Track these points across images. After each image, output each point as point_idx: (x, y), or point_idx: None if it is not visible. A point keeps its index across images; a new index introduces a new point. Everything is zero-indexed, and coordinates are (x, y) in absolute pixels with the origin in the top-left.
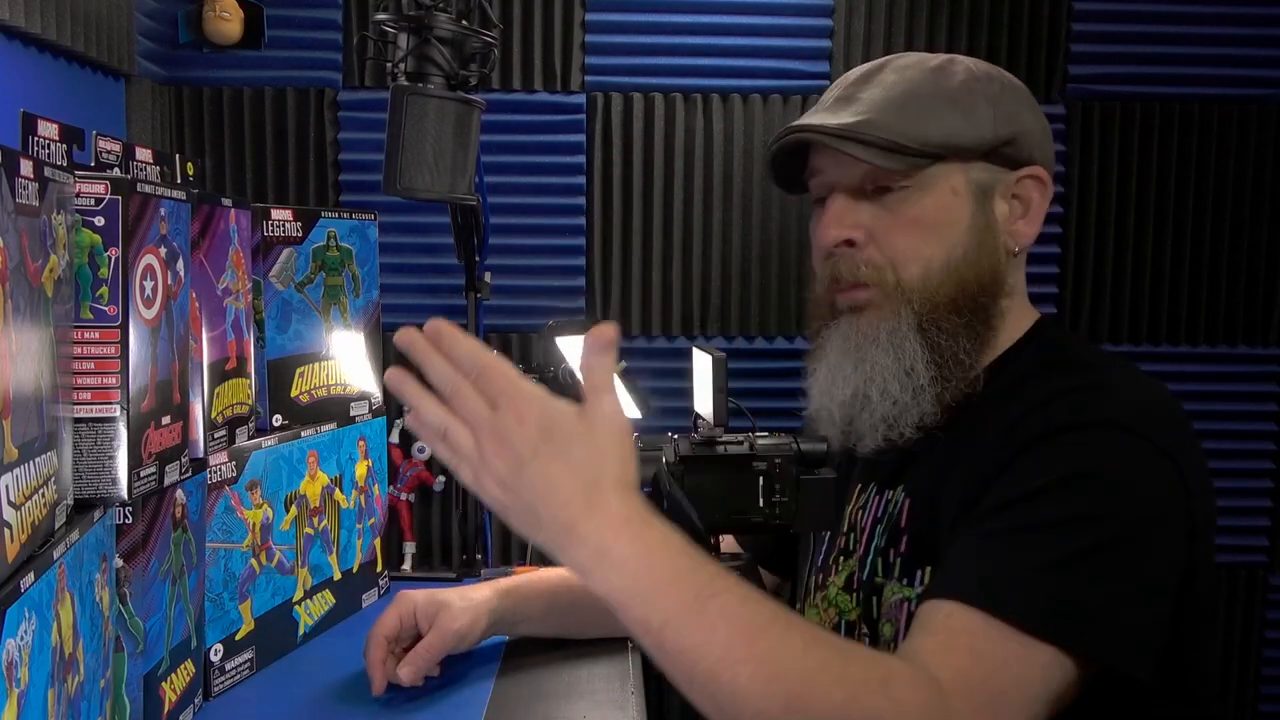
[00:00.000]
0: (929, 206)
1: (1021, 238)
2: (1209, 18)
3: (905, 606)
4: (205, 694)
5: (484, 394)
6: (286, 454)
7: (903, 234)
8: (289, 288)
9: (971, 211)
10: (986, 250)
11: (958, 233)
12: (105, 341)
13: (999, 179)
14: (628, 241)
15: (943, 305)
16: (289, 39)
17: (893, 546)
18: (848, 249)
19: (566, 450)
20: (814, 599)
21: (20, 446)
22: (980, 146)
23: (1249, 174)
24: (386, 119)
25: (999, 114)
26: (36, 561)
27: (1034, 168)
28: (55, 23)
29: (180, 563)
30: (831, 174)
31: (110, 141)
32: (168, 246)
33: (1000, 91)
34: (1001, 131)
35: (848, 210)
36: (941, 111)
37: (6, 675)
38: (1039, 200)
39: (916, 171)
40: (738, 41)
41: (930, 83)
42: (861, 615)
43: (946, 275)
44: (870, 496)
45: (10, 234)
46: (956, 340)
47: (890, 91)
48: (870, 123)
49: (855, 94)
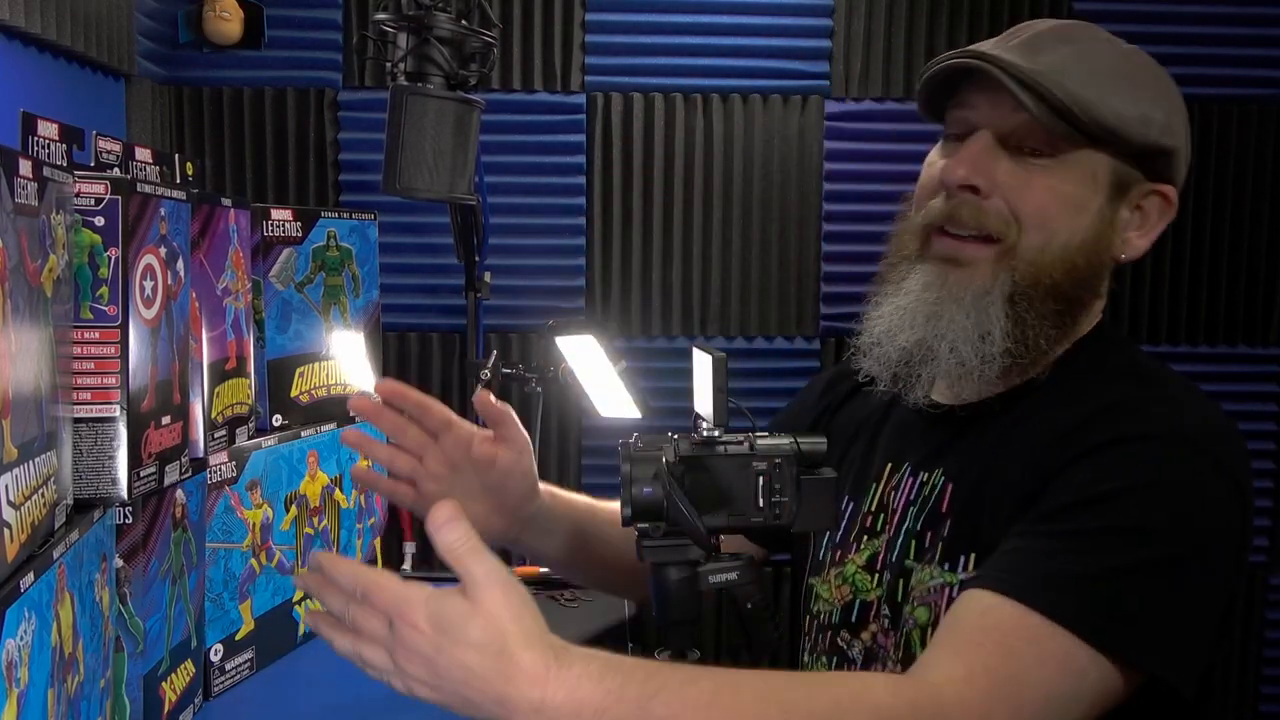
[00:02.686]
0: (1068, 184)
1: (1133, 249)
2: (1208, 18)
3: (947, 592)
4: (205, 694)
5: (377, 612)
6: (286, 454)
7: (1036, 198)
8: (289, 288)
9: (1101, 205)
10: (1102, 245)
11: (1084, 219)
12: (105, 341)
13: (1135, 183)
14: (627, 241)
15: (1044, 285)
16: (289, 39)
17: (931, 530)
18: (970, 194)
19: (464, 634)
20: (826, 574)
21: (20, 446)
22: (1139, 146)
23: (1249, 174)
24: (386, 119)
25: (1169, 123)
26: (36, 561)
27: (1167, 186)
28: (55, 23)
29: (180, 563)
30: (982, 113)
31: (110, 141)
32: (168, 246)
33: (1173, 98)
34: (1164, 141)
35: (988, 156)
36: (1124, 95)
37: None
38: (1158, 219)
39: (1070, 148)
40: (738, 41)
41: (1121, 64)
42: (884, 596)
43: (1063, 255)
44: (904, 477)
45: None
46: (1043, 324)
47: (1084, 57)
48: (1057, 77)
49: (1047, 45)
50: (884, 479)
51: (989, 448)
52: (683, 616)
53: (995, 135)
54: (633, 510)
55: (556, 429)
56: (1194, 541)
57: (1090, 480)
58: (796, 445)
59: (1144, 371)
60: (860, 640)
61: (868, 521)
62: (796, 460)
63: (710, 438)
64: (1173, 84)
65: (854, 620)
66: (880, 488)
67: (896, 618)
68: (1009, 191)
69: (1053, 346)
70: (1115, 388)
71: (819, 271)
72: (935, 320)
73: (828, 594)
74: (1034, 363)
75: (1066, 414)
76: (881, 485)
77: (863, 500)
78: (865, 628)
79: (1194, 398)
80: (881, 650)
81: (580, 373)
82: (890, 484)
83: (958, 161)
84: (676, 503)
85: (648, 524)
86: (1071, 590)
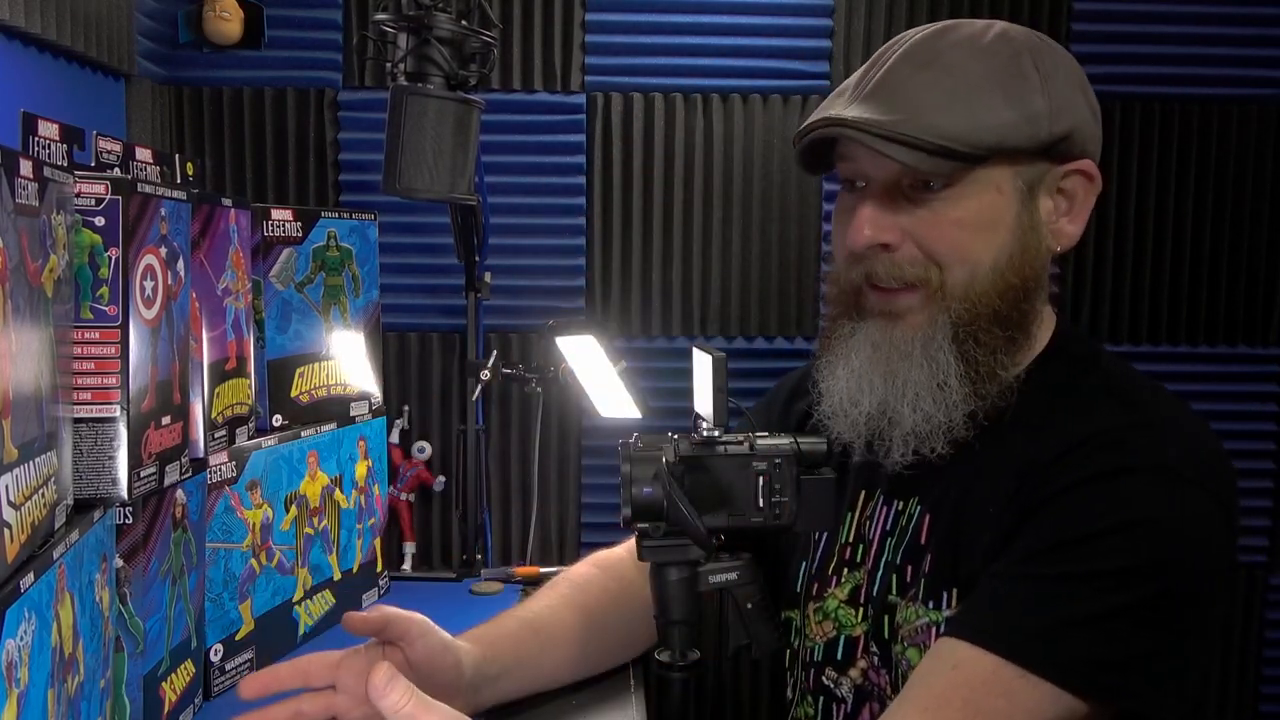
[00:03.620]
0: (973, 207)
1: (1065, 238)
2: (1208, 18)
3: (933, 631)
4: (205, 694)
5: None
6: (286, 454)
7: (945, 235)
8: (289, 288)
9: (1016, 211)
10: (1031, 253)
11: (1003, 235)
12: (105, 341)
13: (1046, 173)
14: (627, 241)
15: (984, 316)
16: (289, 39)
17: (911, 564)
18: (883, 251)
19: None
20: (806, 610)
21: (20, 446)
22: (1033, 146)
23: (1249, 174)
24: (386, 119)
25: (1055, 106)
26: (36, 561)
27: (1083, 161)
28: (55, 23)
29: (180, 563)
30: (866, 165)
31: (110, 141)
32: (168, 246)
33: (1054, 73)
34: (1057, 129)
35: (883, 211)
36: (997, 106)
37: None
38: (1084, 197)
39: (966, 170)
40: (738, 42)
41: (984, 69)
42: (870, 633)
43: (992, 281)
44: (878, 506)
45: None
46: (994, 355)
47: (941, 81)
48: (917, 122)
49: (903, 79)
50: (859, 508)
51: (964, 477)
52: (683, 617)
53: (886, 184)
54: (633, 510)
55: (556, 429)
56: (1182, 577)
57: (1071, 520)
58: (796, 445)
59: (1120, 391)
60: (849, 678)
61: (846, 553)
62: (796, 460)
63: (710, 438)
64: (1048, 50)
65: (839, 658)
66: (855, 517)
67: (886, 655)
68: (917, 236)
69: (1010, 371)
70: (1093, 415)
71: (819, 271)
72: (892, 379)
73: (809, 630)
74: (998, 392)
75: (1041, 443)
76: (857, 514)
77: (839, 530)
78: (853, 664)
79: (1175, 417)
80: (876, 689)
81: (580, 373)
82: (865, 514)
83: (857, 228)
84: (676, 503)
85: (647, 524)
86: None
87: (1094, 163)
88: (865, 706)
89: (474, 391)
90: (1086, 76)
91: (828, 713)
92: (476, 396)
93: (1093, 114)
